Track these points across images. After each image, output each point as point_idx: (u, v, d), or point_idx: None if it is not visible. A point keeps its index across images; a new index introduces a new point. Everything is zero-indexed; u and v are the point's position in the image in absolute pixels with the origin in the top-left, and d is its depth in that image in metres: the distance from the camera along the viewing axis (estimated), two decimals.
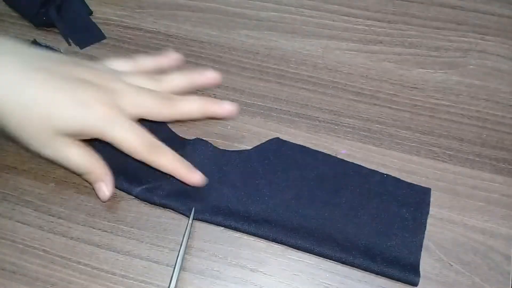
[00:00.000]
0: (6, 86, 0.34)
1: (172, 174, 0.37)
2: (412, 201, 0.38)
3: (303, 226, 0.37)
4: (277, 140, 0.42)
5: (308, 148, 0.41)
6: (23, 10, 0.51)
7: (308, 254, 0.37)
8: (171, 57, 0.43)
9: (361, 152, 0.42)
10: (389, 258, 0.36)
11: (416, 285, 0.35)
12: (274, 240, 0.37)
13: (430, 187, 0.39)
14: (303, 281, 0.36)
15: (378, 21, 0.51)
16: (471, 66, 0.47)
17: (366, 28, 0.50)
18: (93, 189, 0.38)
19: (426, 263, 0.36)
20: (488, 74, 0.47)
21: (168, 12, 0.52)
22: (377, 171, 0.40)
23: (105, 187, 0.37)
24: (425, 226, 0.37)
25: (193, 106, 0.40)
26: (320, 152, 0.41)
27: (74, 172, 0.38)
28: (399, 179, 0.40)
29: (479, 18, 0.51)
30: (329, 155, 0.41)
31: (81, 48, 0.49)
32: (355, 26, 0.50)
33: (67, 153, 0.36)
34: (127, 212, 0.39)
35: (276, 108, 0.44)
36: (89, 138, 0.37)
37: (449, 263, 0.36)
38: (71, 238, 0.37)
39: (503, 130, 0.43)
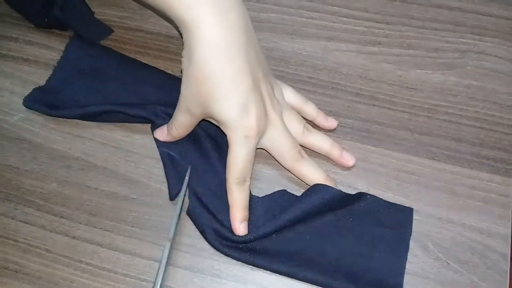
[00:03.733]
0: (213, 46, 0.36)
1: (230, 210, 0.38)
2: (395, 222, 0.38)
3: (284, 251, 0.37)
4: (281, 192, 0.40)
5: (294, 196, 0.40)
6: (24, 11, 0.51)
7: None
8: (330, 123, 0.43)
9: (360, 152, 0.42)
10: (372, 281, 0.35)
11: None
12: (255, 265, 0.36)
13: (428, 187, 0.40)
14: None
15: (377, 22, 0.51)
16: (469, 67, 0.47)
17: (365, 29, 0.50)
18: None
19: (424, 262, 0.37)
20: (486, 75, 0.47)
21: None
22: (359, 192, 0.39)
23: (164, 136, 0.41)
24: (408, 247, 0.37)
25: (315, 177, 0.40)
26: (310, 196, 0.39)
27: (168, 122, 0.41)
28: (381, 199, 0.39)
29: (477, 19, 0.51)
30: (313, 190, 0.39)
31: None
32: (354, 27, 0.51)
33: (186, 118, 0.39)
34: (128, 211, 0.39)
35: None
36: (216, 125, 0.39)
37: (447, 262, 0.37)
38: (73, 237, 0.38)
39: (501, 130, 0.43)
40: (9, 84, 0.46)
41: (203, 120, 0.40)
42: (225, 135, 0.38)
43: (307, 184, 0.40)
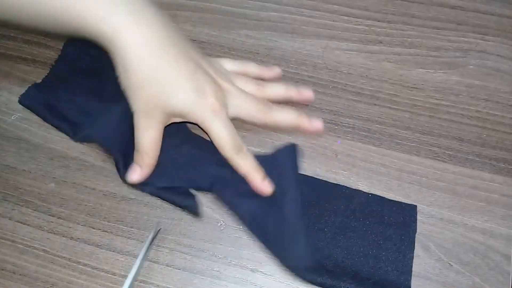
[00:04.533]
0: (142, 46, 0.36)
1: (247, 178, 0.39)
2: (399, 220, 0.38)
3: (291, 253, 0.36)
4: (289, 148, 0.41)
5: (298, 174, 0.40)
6: None
7: None
8: (274, 71, 0.46)
9: (361, 152, 0.42)
10: (379, 281, 0.35)
11: None
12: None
13: (430, 187, 0.40)
14: (303, 281, 0.36)
15: (378, 21, 0.51)
16: (471, 66, 0.47)
17: (366, 28, 0.50)
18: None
19: (426, 263, 0.36)
20: (488, 74, 0.47)
21: (168, 12, 0.52)
22: (361, 191, 0.39)
23: (138, 173, 0.38)
24: (414, 244, 0.37)
25: (287, 118, 0.42)
26: (301, 174, 0.40)
27: (135, 141, 0.38)
28: (384, 198, 0.39)
29: (479, 18, 0.51)
30: (310, 177, 0.40)
31: None
32: (355, 26, 0.50)
33: (150, 125, 0.38)
34: (127, 212, 0.39)
35: None
36: (186, 121, 0.39)
37: (449, 263, 0.36)
38: (71, 238, 0.37)
39: (503, 130, 0.43)
40: (7, 83, 0.46)
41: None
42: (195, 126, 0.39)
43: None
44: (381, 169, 0.41)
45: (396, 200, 0.39)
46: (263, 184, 0.38)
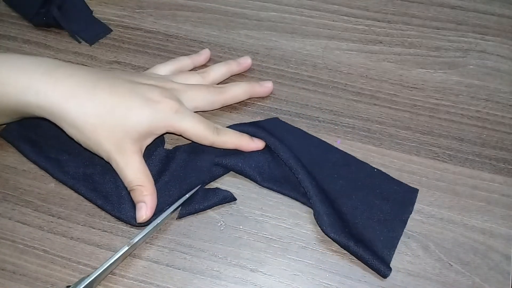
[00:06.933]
0: (74, 96, 0.36)
1: (237, 147, 0.40)
2: (398, 199, 0.39)
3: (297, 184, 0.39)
4: (276, 119, 0.43)
5: (304, 132, 0.42)
6: (23, 10, 0.51)
7: (308, 254, 0.37)
8: (204, 54, 0.47)
9: (360, 152, 0.42)
10: (365, 246, 0.36)
11: (386, 277, 0.35)
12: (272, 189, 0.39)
13: (430, 187, 0.40)
14: (303, 281, 0.36)
15: (378, 21, 0.51)
16: (471, 66, 0.47)
17: (366, 28, 0.50)
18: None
19: (426, 263, 0.36)
20: (488, 74, 0.47)
21: (168, 12, 0.52)
22: (368, 164, 0.40)
23: (145, 209, 0.36)
24: (405, 224, 0.38)
25: (240, 89, 0.44)
26: (316, 138, 0.42)
27: (124, 182, 0.37)
28: (389, 175, 0.40)
29: (479, 18, 0.51)
30: (324, 142, 0.42)
31: (91, 44, 0.49)
32: (355, 26, 0.50)
33: (129, 159, 0.37)
34: None
35: (276, 108, 0.44)
36: (158, 134, 0.39)
37: (449, 263, 0.36)
38: (71, 238, 0.37)
39: (503, 130, 0.43)
40: None
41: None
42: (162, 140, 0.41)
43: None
44: (381, 169, 0.41)
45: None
46: (254, 142, 0.40)
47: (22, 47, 0.48)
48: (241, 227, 0.38)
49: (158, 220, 0.37)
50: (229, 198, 0.39)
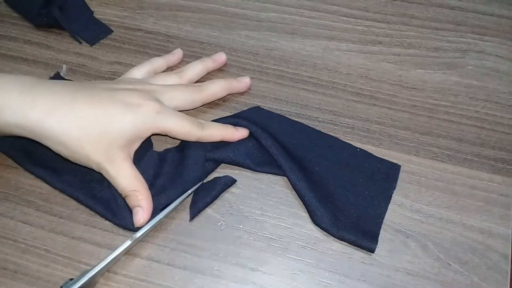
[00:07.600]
0: (54, 112, 0.36)
1: (224, 139, 0.41)
2: (382, 176, 0.40)
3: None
4: (257, 108, 0.44)
5: (286, 117, 0.43)
6: (24, 11, 0.51)
7: (308, 253, 0.37)
8: (177, 54, 0.48)
9: None
10: (351, 224, 0.37)
11: (373, 251, 0.36)
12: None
13: (429, 187, 0.40)
14: (302, 280, 0.36)
15: (378, 22, 0.51)
16: (470, 67, 0.47)
17: (366, 28, 0.50)
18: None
19: (425, 263, 0.36)
20: (486, 74, 0.47)
21: (169, 13, 0.52)
22: (351, 145, 0.41)
23: (141, 213, 0.37)
24: (390, 200, 0.39)
25: (219, 86, 0.44)
26: (299, 122, 0.43)
27: (117, 189, 0.38)
28: (371, 154, 0.41)
29: (478, 18, 0.51)
30: (307, 126, 0.43)
31: (92, 44, 0.49)
32: (354, 27, 0.50)
33: (119, 167, 0.37)
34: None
35: (276, 109, 0.44)
36: (144, 138, 0.39)
37: (448, 263, 0.36)
38: (73, 237, 0.38)
39: (502, 130, 0.43)
40: None
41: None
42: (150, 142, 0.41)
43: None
44: None
45: (394, 201, 0.39)
46: (239, 132, 0.41)
47: (23, 47, 0.49)
48: (241, 226, 0.38)
49: (160, 216, 0.37)
50: (230, 182, 0.40)
